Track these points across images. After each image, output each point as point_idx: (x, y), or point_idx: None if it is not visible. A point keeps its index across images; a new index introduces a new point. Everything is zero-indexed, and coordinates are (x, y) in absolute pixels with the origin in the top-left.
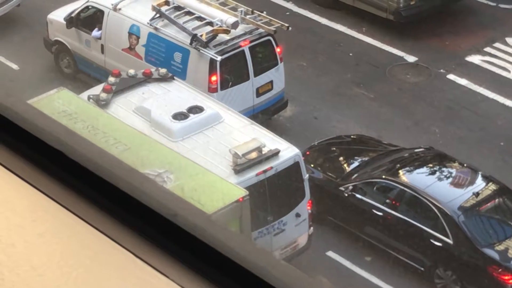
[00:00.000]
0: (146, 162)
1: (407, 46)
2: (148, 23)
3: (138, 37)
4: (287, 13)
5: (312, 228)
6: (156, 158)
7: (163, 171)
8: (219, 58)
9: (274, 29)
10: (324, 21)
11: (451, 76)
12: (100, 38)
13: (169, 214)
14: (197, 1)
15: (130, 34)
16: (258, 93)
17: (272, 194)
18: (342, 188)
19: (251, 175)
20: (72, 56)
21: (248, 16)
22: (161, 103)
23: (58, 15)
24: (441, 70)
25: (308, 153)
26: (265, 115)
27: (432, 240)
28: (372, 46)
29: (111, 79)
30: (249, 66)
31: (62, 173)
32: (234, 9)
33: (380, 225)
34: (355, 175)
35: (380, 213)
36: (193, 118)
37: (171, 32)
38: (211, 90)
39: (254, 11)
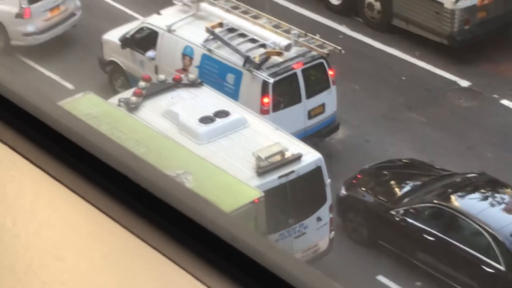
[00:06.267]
0: (165, 163)
1: (460, 71)
2: (201, 44)
3: (191, 58)
4: (341, 36)
5: (333, 232)
6: (176, 159)
7: (182, 172)
8: (271, 80)
9: (327, 52)
10: (377, 44)
11: (504, 102)
12: (154, 59)
13: (228, 238)
14: (250, 23)
15: (183, 55)
16: (310, 116)
17: (294, 197)
18: (393, 212)
19: (273, 178)
20: (126, 76)
21: (301, 39)
22: (189, 107)
23: (113, 36)
24: (495, 95)
25: (359, 176)
26: (316, 137)
27: (483, 266)
28: (425, 70)
29: (142, 83)
30: (302, 88)
31: (126, 197)
32: (288, 31)
33: (431, 250)
34: (407, 199)
35: (431, 238)
36: (219, 122)
37: (224, 54)
38: (263, 111)
39: (307, 33)
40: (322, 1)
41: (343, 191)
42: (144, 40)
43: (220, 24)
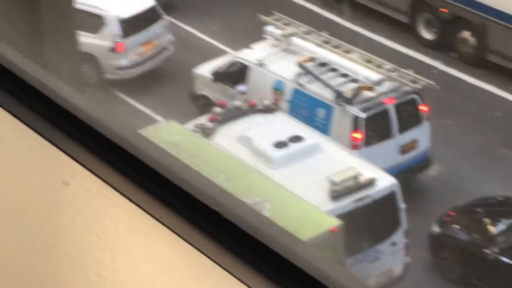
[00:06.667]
0: (244, 191)
1: None
2: (292, 79)
3: (282, 93)
4: (434, 71)
5: (408, 257)
6: (255, 186)
7: (261, 200)
8: (363, 115)
9: (420, 87)
10: (471, 80)
11: None
12: (245, 93)
13: (320, 277)
14: (342, 58)
15: (274, 89)
16: (402, 151)
17: (368, 221)
18: (487, 251)
19: (347, 202)
20: None
21: (393, 74)
22: (263, 132)
23: (205, 70)
24: None
25: (452, 213)
26: (408, 173)
27: None
28: None
29: (217, 109)
30: (394, 123)
31: (219, 233)
32: (380, 66)
33: None
34: (502, 238)
35: None
36: (293, 147)
37: (315, 88)
38: (355, 147)
39: (400, 68)
40: (415, 35)
41: (436, 228)
42: (235, 74)
43: (312, 59)
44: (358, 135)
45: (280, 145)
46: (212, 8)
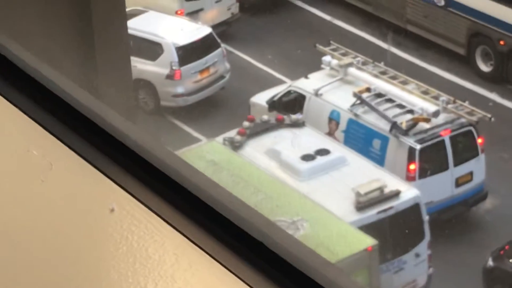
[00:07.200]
0: (282, 210)
1: None
2: (348, 109)
3: (338, 123)
4: (490, 104)
5: (431, 268)
6: (292, 205)
7: (298, 219)
8: (418, 146)
9: (476, 119)
10: None
11: None
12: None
13: None
14: (398, 89)
15: (330, 119)
16: (457, 184)
17: (392, 232)
18: None
19: (372, 213)
20: None
21: (449, 105)
22: (291, 146)
23: (261, 99)
24: None
25: (507, 247)
26: (463, 206)
27: None
28: None
29: (246, 123)
30: (449, 155)
31: (263, 264)
32: (436, 97)
33: None
34: None
35: None
36: (320, 159)
37: (371, 119)
38: (409, 178)
39: (456, 100)
40: (472, 67)
41: (490, 262)
42: (291, 103)
43: (368, 89)
44: (413, 167)
45: (307, 158)
46: (269, 36)
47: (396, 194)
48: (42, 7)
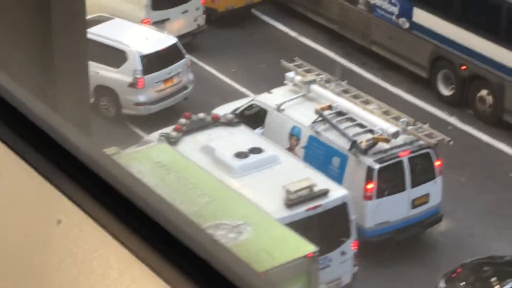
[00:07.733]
0: (226, 213)
1: None
2: (309, 126)
3: (298, 139)
4: (450, 127)
5: (357, 267)
6: (237, 210)
7: (242, 223)
8: (377, 166)
9: (435, 142)
10: (486, 138)
11: None
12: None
13: None
14: (360, 108)
15: (291, 135)
16: (414, 205)
17: (320, 230)
18: None
19: (301, 211)
20: None
21: (409, 127)
22: (225, 143)
23: (223, 111)
24: None
25: (459, 270)
26: (418, 227)
27: None
28: None
29: (182, 120)
30: (407, 176)
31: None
32: (397, 118)
33: None
34: None
35: None
36: (253, 157)
37: (331, 137)
38: (366, 197)
39: (416, 122)
40: (433, 91)
41: (442, 285)
42: (253, 117)
43: (329, 107)
44: (371, 186)
45: (240, 155)
46: (234, 50)
47: (324, 193)
48: (1, 17)
